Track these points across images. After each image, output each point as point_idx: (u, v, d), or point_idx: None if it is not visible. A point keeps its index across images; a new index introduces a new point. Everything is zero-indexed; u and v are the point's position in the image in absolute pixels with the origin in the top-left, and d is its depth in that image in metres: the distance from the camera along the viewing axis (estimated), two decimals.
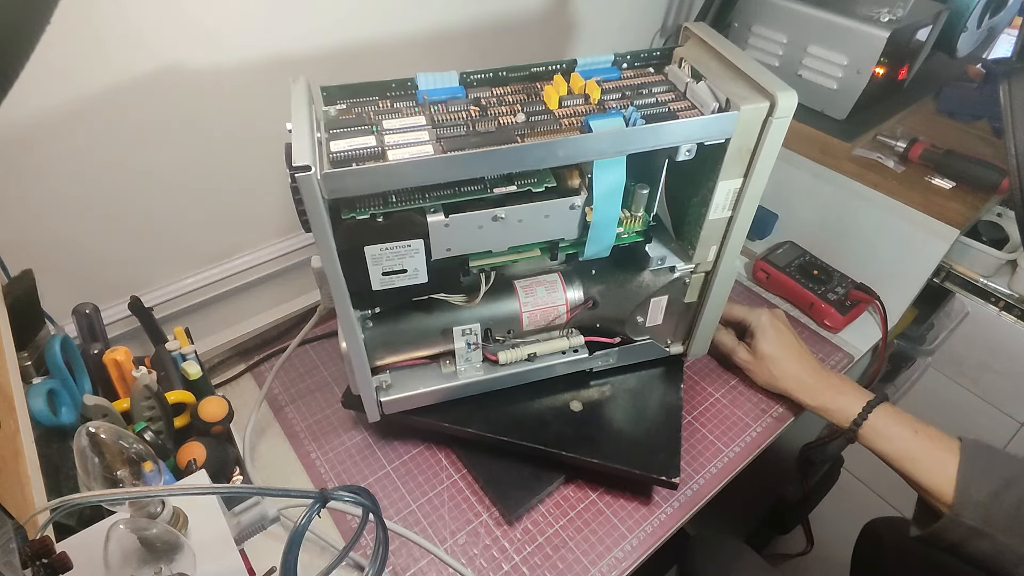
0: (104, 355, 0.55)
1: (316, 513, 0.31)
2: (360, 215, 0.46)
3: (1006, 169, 0.66)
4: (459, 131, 0.47)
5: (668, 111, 0.49)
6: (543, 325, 0.61)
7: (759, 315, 0.70)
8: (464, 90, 0.51)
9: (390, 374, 0.61)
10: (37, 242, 0.57)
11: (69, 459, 0.46)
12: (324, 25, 0.62)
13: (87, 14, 0.49)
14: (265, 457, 0.67)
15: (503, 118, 0.48)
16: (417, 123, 0.47)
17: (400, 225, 0.47)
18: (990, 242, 0.77)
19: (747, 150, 0.50)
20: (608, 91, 0.51)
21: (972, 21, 0.82)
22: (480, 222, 0.48)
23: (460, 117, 0.48)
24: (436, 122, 0.48)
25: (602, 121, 0.46)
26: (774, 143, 0.49)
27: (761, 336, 0.69)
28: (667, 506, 0.63)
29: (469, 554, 0.59)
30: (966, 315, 0.96)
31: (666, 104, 0.50)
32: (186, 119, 0.58)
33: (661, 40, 0.97)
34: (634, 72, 0.55)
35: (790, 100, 0.47)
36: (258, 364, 0.76)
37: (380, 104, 0.50)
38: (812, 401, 0.66)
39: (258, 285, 0.74)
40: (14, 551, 0.30)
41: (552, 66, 0.53)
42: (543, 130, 0.47)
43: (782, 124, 0.48)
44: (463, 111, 0.49)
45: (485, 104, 0.50)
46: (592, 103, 0.50)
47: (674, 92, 0.52)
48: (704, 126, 0.48)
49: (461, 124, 0.47)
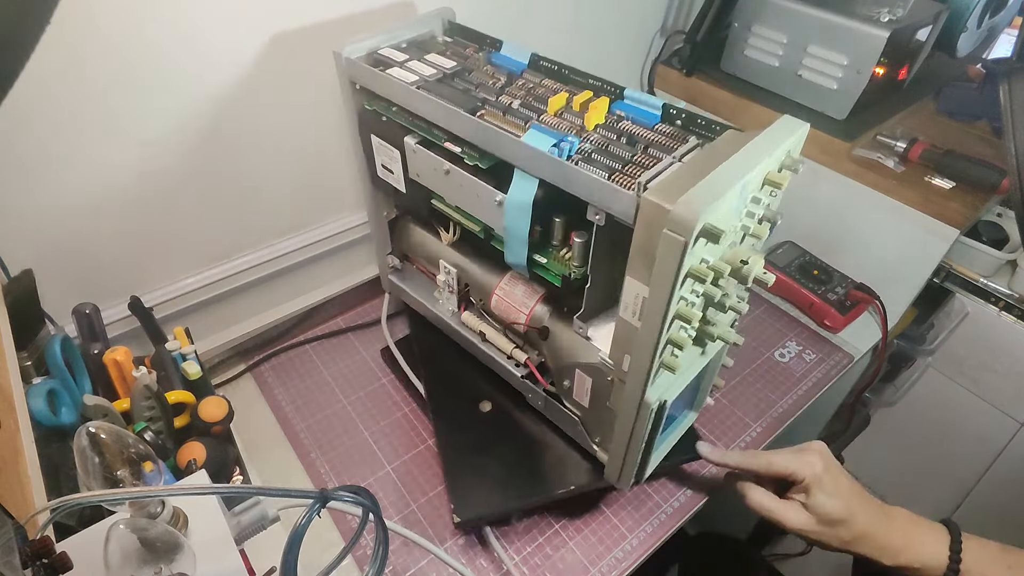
0: (104, 355, 0.55)
1: (316, 513, 0.31)
2: (372, 107, 0.59)
3: (1006, 169, 0.66)
4: (456, 84, 0.54)
5: (613, 166, 0.43)
6: (505, 319, 0.61)
7: (809, 463, 0.53)
8: (525, 67, 0.55)
9: (404, 268, 0.74)
10: (37, 242, 0.57)
11: (69, 459, 0.46)
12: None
13: (88, 11, 0.49)
14: (265, 457, 0.67)
15: (504, 97, 0.51)
16: (447, 65, 0.56)
17: (391, 130, 0.58)
18: (990, 242, 0.77)
19: (650, 253, 0.39)
20: (611, 126, 0.48)
21: (972, 21, 0.82)
22: (435, 166, 0.54)
23: (481, 79, 0.54)
24: (460, 73, 0.55)
25: (536, 134, 0.45)
26: (668, 261, 0.38)
27: (819, 491, 0.52)
28: (667, 506, 0.63)
29: (469, 554, 0.59)
30: (966, 315, 0.96)
31: (629, 162, 0.44)
32: (187, 119, 0.58)
33: (661, 40, 0.97)
34: (671, 129, 0.47)
35: (687, 217, 0.35)
36: (258, 364, 0.76)
37: (459, 48, 0.60)
38: (893, 561, 0.53)
39: (258, 285, 0.74)
40: (14, 551, 0.30)
41: (605, 85, 0.51)
42: (507, 119, 0.49)
43: (675, 244, 0.37)
44: (493, 78, 0.54)
45: (516, 83, 0.53)
46: (581, 125, 0.48)
47: (665, 162, 0.44)
48: (602, 193, 0.42)
49: (472, 83, 0.54)
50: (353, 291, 0.82)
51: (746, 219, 0.43)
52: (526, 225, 0.49)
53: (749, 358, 0.78)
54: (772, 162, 0.42)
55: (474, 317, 0.65)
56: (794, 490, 0.54)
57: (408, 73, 0.55)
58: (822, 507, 0.52)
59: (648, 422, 0.49)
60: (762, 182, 0.42)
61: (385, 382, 0.75)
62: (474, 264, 0.64)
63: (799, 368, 0.77)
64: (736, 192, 0.39)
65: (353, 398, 0.73)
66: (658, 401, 0.48)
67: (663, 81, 0.95)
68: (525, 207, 0.48)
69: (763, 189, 0.43)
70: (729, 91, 0.87)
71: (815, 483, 0.52)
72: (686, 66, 0.91)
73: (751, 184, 0.41)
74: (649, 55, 0.98)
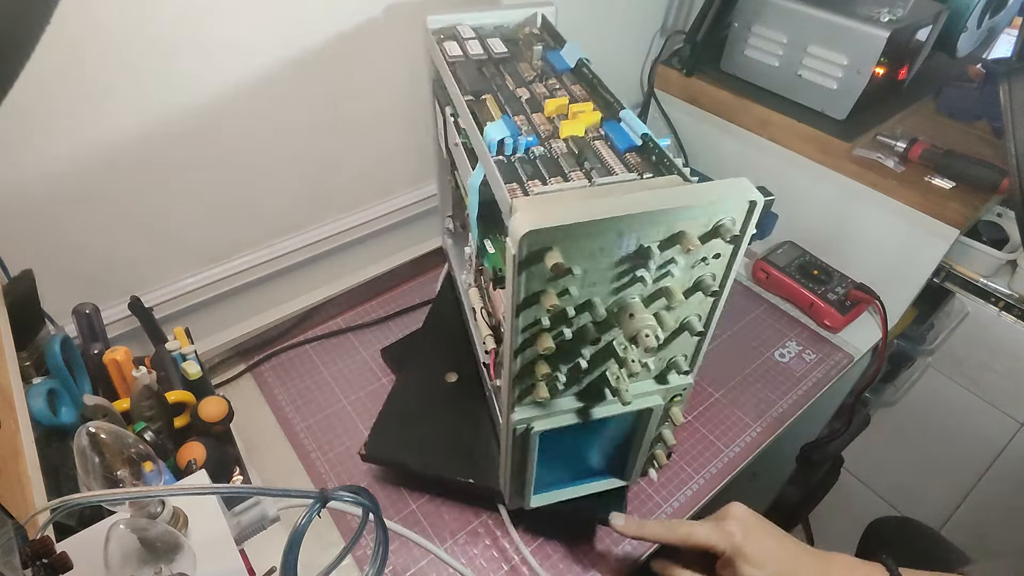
0: (104, 355, 0.55)
1: (316, 513, 0.31)
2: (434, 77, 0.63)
3: (1006, 169, 0.66)
4: (487, 68, 0.56)
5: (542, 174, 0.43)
6: (499, 307, 0.60)
7: (728, 533, 0.49)
8: (569, 69, 0.56)
9: (456, 234, 0.78)
10: (37, 242, 0.57)
11: (69, 459, 0.46)
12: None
13: (88, 8, 0.49)
14: (265, 457, 0.67)
15: (522, 89, 0.53)
16: (499, 50, 0.58)
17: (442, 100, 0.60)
18: (990, 242, 0.77)
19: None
20: (582, 140, 0.47)
21: (972, 21, 0.82)
22: (452, 139, 0.57)
23: (521, 69, 0.55)
24: (505, 60, 0.57)
25: (498, 126, 0.46)
26: (509, 271, 0.37)
27: (744, 563, 0.48)
28: (667, 506, 0.63)
29: (469, 554, 0.59)
30: (966, 315, 0.96)
31: (559, 175, 0.43)
32: (187, 119, 0.58)
33: (661, 40, 0.97)
34: (638, 159, 0.45)
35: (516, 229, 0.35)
36: (258, 364, 0.76)
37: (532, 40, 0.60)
38: None
39: (258, 285, 0.74)
40: (14, 551, 0.30)
41: (613, 102, 0.50)
42: (501, 107, 0.50)
43: (510, 254, 0.36)
44: (532, 71, 0.55)
45: (547, 81, 0.54)
46: (554, 131, 0.48)
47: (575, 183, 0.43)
48: (501, 192, 0.41)
49: (506, 71, 0.55)
50: (353, 291, 0.82)
51: (649, 273, 0.39)
52: (475, 209, 0.50)
53: (749, 358, 0.78)
54: (693, 225, 0.38)
55: (477, 294, 0.65)
56: (720, 564, 0.50)
57: (458, 50, 0.57)
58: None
59: (509, 443, 0.48)
60: (686, 244, 0.38)
61: (385, 382, 0.75)
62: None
63: (799, 368, 0.77)
64: (603, 230, 0.36)
65: (353, 398, 0.73)
66: (524, 426, 0.46)
67: (663, 81, 0.95)
68: (474, 190, 0.49)
69: (687, 253, 0.39)
70: (729, 91, 0.87)
71: (737, 555, 0.48)
72: (686, 66, 0.91)
73: (644, 235, 0.38)
74: (649, 55, 0.98)
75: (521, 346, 0.42)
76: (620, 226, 0.36)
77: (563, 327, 0.41)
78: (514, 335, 0.41)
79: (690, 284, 0.42)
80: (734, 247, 0.40)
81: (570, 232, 0.35)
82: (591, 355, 0.44)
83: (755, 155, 0.87)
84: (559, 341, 0.41)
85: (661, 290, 0.41)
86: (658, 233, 0.38)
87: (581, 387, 0.47)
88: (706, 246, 0.39)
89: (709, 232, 0.38)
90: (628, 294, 0.41)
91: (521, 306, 0.39)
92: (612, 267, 0.39)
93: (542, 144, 0.46)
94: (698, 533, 0.50)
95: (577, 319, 0.41)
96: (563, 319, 0.41)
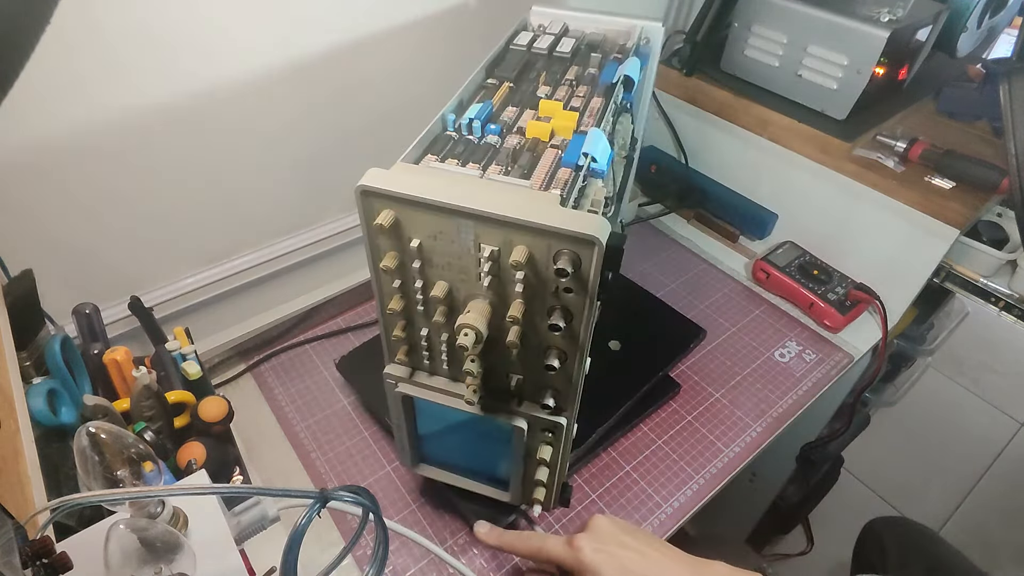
0: (104, 355, 0.55)
1: (316, 513, 0.31)
2: None
3: (1006, 169, 0.66)
4: (537, 62, 0.56)
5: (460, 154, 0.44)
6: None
7: (576, 548, 0.47)
8: (611, 81, 0.55)
9: None
10: (37, 242, 0.57)
11: (69, 459, 0.46)
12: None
13: (89, 7, 0.49)
14: (265, 457, 0.67)
15: (545, 86, 0.53)
16: (564, 50, 0.57)
17: None
18: (990, 242, 0.77)
19: None
20: (548, 145, 0.46)
21: (972, 21, 0.82)
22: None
23: (563, 70, 0.55)
24: (561, 59, 0.56)
25: (475, 107, 0.47)
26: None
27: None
28: (667, 506, 0.63)
29: (469, 554, 0.59)
30: (966, 315, 0.96)
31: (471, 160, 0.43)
32: (187, 119, 0.58)
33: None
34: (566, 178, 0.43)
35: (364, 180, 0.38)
36: (258, 364, 0.76)
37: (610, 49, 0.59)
38: None
39: (258, 285, 0.74)
40: (14, 551, 0.30)
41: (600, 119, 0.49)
42: (500, 95, 0.51)
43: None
44: (573, 75, 0.54)
45: (579, 88, 0.53)
46: (523, 128, 0.47)
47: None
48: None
49: (549, 68, 0.55)
50: (353, 291, 0.82)
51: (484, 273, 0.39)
52: None
53: (749, 358, 0.78)
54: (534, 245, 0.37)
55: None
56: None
57: (525, 40, 0.57)
58: None
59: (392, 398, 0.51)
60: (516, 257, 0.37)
61: None
62: None
63: (799, 368, 0.77)
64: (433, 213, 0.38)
65: (353, 398, 0.73)
66: (392, 383, 0.49)
67: (663, 81, 0.95)
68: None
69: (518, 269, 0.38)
70: (729, 91, 0.87)
71: (584, 572, 0.46)
72: (686, 66, 0.91)
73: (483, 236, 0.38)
74: None
75: (382, 301, 0.44)
76: (457, 218, 0.38)
77: (409, 295, 0.43)
78: (376, 288, 0.44)
79: (542, 311, 0.40)
80: (576, 284, 0.38)
81: (401, 202, 0.38)
82: (447, 340, 0.45)
83: (755, 155, 0.87)
84: (404, 308, 0.44)
85: (502, 300, 0.41)
86: (494, 239, 0.38)
87: (450, 375, 0.49)
88: (552, 277, 0.38)
89: (550, 260, 0.37)
90: (478, 292, 0.41)
91: (374, 262, 0.42)
92: (461, 257, 0.40)
93: (500, 136, 0.46)
94: (550, 547, 0.49)
95: (424, 293, 0.42)
96: (408, 288, 0.43)
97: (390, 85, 0.70)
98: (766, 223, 0.90)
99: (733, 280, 0.89)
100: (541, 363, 0.43)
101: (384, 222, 0.38)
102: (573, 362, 0.43)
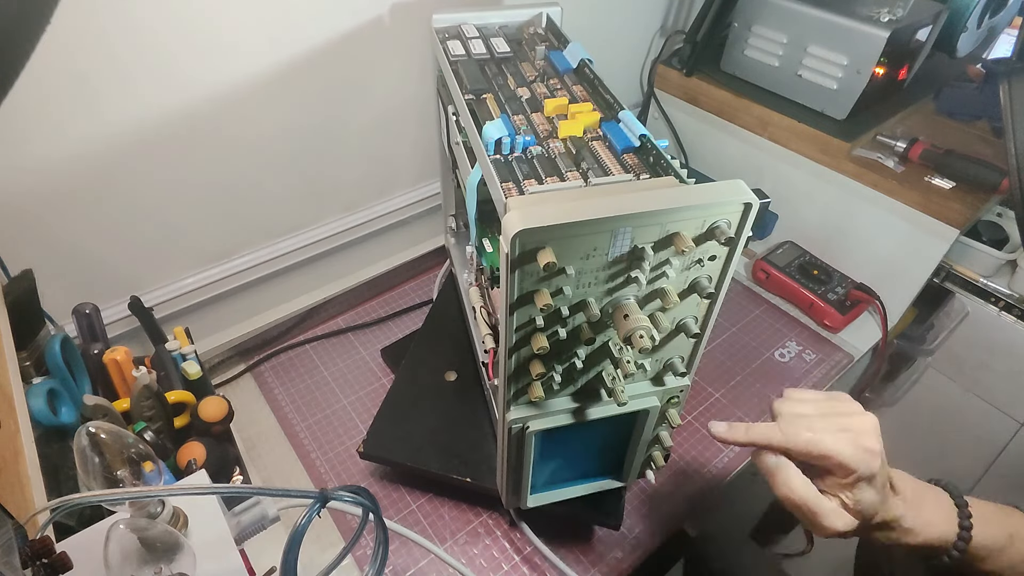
0: (104, 355, 0.55)
1: (316, 513, 0.31)
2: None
3: (1006, 169, 0.66)
4: (490, 67, 0.56)
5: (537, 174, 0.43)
6: (498, 306, 0.58)
7: (869, 453, 0.40)
8: (571, 70, 0.55)
9: (459, 233, 0.79)
10: (37, 242, 0.56)
11: (69, 459, 0.46)
12: None
13: (90, 6, 0.49)
14: (265, 457, 0.67)
15: (523, 89, 0.53)
16: (502, 49, 0.58)
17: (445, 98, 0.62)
18: (990, 242, 0.77)
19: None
20: (580, 140, 0.46)
21: (972, 21, 0.82)
22: (454, 137, 0.58)
23: (522, 69, 0.56)
24: (508, 59, 0.57)
25: (497, 124, 0.46)
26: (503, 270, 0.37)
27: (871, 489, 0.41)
28: (667, 506, 0.63)
29: (469, 554, 0.59)
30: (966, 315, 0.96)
31: (555, 174, 0.43)
32: (187, 120, 0.58)
33: (661, 40, 0.97)
34: (635, 160, 0.44)
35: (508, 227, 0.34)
36: (258, 364, 0.76)
37: (536, 41, 0.60)
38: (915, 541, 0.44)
39: (258, 285, 0.74)
40: (14, 551, 0.30)
41: (614, 103, 0.50)
42: (501, 106, 0.51)
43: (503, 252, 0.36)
44: (534, 71, 0.55)
45: (549, 81, 0.54)
46: (552, 131, 0.48)
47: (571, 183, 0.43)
48: (496, 192, 0.41)
49: (508, 70, 0.55)
50: (353, 291, 0.82)
51: (644, 275, 0.39)
52: (473, 207, 0.51)
53: (749, 358, 0.78)
54: (688, 227, 0.37)
55: (477, 293, 0.65)
56: (831, 483, 0.41)
57: (462, 49, 0.57)
58: (871, 508, 0.41)
59: (505, 442, 0.48)
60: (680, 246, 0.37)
61: (385, 382, 0.75)
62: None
63: (799, 368, 0.77)
64: (596, 230, 0.36)
65: (353, 398, 0.73)
66: (520, 425, 0.46)
67: (663, 81, 0.95)
68: (472, 189, 0.49)
69: (682, 254, 0.38)
70: (729, 91, 0.87)
71: (867, 481, 0.40)
72: (686, 66, 0.90)
73: (638, 236, 0.37)
74: (649, 55, 0.98)
75: (516, 345, 0.41)
76: (614, 227, 0.36)
77: (557, 327, 0.41)
78: (509, 334, 0.40)
79: (685, 286, 0.41)
80: (730, 249, 0.40)
81: (563, 232, 0.35)
82: (586, 355, 0.44)
83: (755, 155, 0.87)
84: (553, 341, 0.41)
85: (656, 291, 0.41)
86: (652, 234, 0.37)
87: (577, 387, 0.47)
88: (701, 248, 0.39)
89: (704, 234, 0.38)
90: (623, 295, 0.41)
91: (515, 305, 0.39)
92: (606, 267, 0.39)
93: (540, 144, 0.46)
94: (826, 444, 0.40)
95: (571, 319, 0.41)
96: (557, 318, 0.41)
97: (381, 87, 0.70)
98: (766, 223, 0.90)
99: (733, 280, 0.89)
100: (680, 336, 0.44)
101: (546, 260, 0.35)
102: (707, 321, 0.44)
